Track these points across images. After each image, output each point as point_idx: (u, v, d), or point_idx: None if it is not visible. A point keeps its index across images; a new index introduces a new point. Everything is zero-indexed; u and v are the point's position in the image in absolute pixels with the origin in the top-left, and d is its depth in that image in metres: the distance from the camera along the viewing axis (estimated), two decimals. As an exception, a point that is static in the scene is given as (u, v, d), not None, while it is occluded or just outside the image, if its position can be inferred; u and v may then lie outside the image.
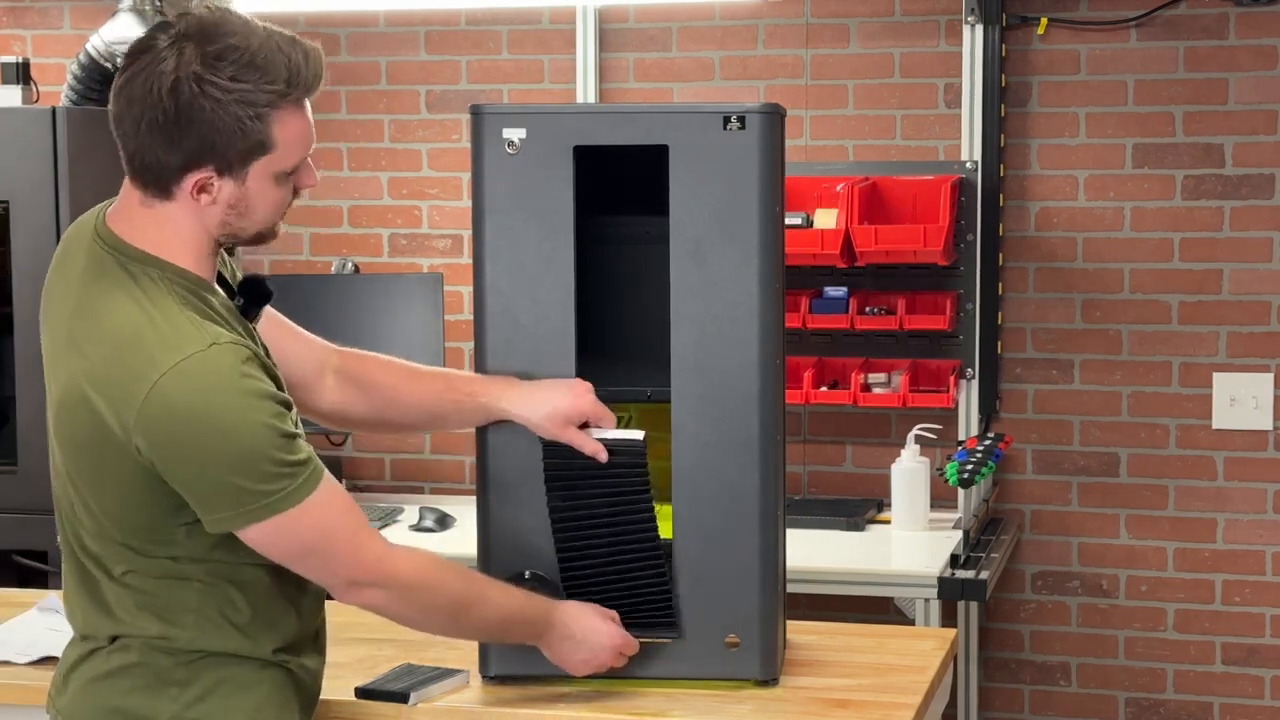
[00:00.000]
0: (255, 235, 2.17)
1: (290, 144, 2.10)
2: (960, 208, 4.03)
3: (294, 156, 2.12)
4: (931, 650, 2.68)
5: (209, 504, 2.07)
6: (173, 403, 2.02)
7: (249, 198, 2.11)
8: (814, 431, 4.29)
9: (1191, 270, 4.09)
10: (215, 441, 2.03)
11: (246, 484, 2.05)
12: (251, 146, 2.07)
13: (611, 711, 2.39)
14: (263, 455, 2.05)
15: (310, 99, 2.13)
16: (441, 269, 4.37)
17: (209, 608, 2.15)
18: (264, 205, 2.13)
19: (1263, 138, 4.03)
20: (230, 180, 2.09)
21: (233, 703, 2.17)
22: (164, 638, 2.15)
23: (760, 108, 2.41)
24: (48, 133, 3.76)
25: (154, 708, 2.15)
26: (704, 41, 4.30)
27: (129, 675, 2.16)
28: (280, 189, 2.14)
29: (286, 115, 2.09)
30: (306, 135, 2.13)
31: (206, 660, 2.16)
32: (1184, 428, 4.13)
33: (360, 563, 2.17)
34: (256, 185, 2.10)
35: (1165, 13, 4.04)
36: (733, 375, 2.41)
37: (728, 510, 2.43)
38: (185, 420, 2.02)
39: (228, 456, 2.04)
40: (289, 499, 2.08)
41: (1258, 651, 4.14)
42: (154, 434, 2.03)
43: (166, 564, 2.14)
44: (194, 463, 2.04)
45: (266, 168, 2.10)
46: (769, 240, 2.42)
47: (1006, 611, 4.27)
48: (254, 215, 2.13)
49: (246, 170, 2.09)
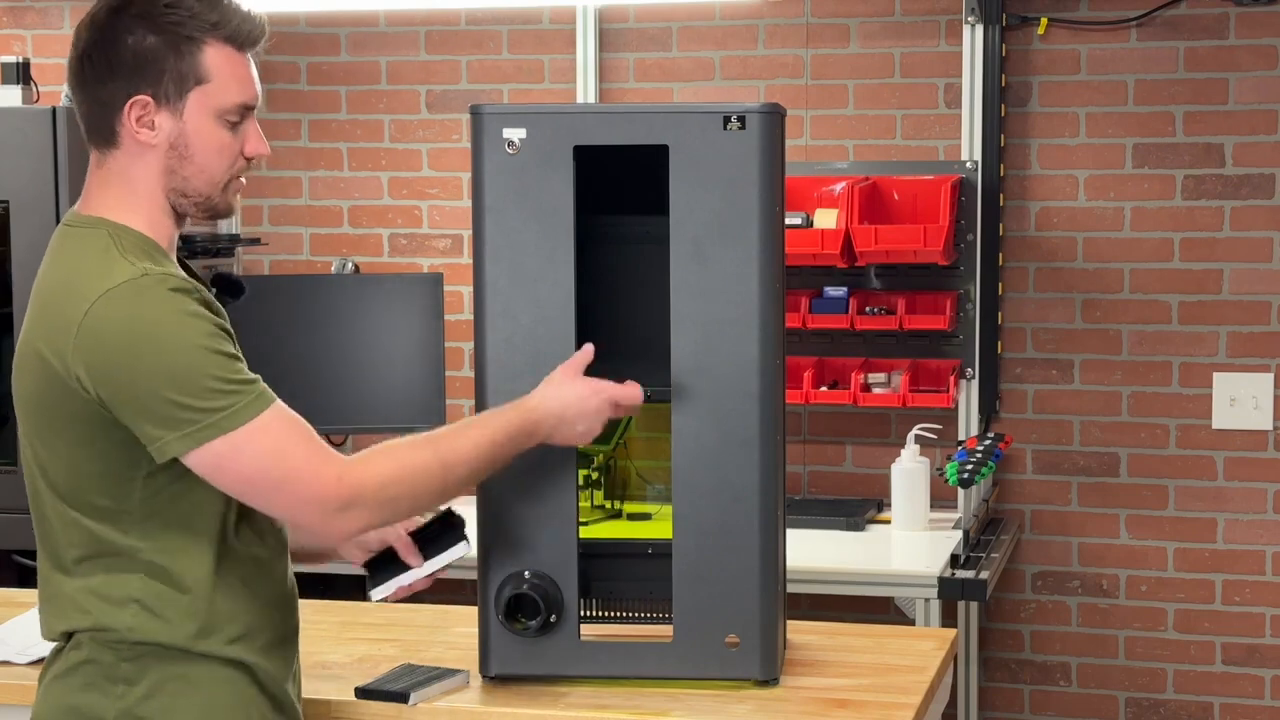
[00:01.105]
0: (204, 199, 2.17)
1: (226, 80, 2.13)
2: (960, 208, 4.03)
3: (232, 94, 2.14)
4: (931, 650, 2.68)
5: (152, 424, 2.04)
6: (105, 326, 2.03)
7: (187, 136, 2.13)
8: (814, 431, 4.29)
9: (1191, 270, 4.10)
10: (150, 357, 2.03)
11: (188, 401, 2.03)
12: (185, 72, 2.11)
13: (611, 711, 2.39)
14: (201, 372, 2.04)
15: (250, 53, 2.17)
16: (441, 269, 4.37)
17: (152, 597, 2.12)
18: (204, 149, 2.13)
19: (1263, 138, 4.03)
20: (168, 113, 2.12)
21: (181, 702, 2.13)
22: (104, 629, 2.13)
23: (760, 108, 2.41)
24: (48, 133, 3.76)
25: (102, 705, 2.13)
26: (704, 41, 4.30)
27: (81, 673, 2.15)
28: (221, 133, 2.14)
29: (221, 51, 2.13)
30: (246, 80, 2.16)
31: (151, 656, 2.13)
32: (1184, 428, 4.13)
33: (323, 485, 2.10)
34: (194, 122, 2.13)
35: (1165, 13, 4.04)
36: (733, 375, 2.41)
37: (728, 510, 2.43)
38: (119, 338, 2.03)
39: (165, 372, 2.02)
40: (235, 418, 2.05)
41: (1258, 651, 4.14)
42: (91, 359, 2.04)
43: (115, 540, 2.11)
44: (132, 382, 2.03)
45: (204, 102, 2.12)
46: (769, 240, 2.42)
47: (1006, 611, 4.27)
48: (196, 160, 2.14)
49: (184, 102, 2.12)
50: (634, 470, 2.73)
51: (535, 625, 2.44)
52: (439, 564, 2.39)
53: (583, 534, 2.47)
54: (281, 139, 4.52)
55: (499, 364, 2.44)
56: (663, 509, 2.46)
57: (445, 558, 2.39)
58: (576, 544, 2.45)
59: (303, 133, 4.53)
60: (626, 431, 2.67)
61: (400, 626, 2.80)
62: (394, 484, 2.16)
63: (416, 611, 2.94)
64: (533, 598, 2.43)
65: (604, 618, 2.56)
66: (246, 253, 4.54)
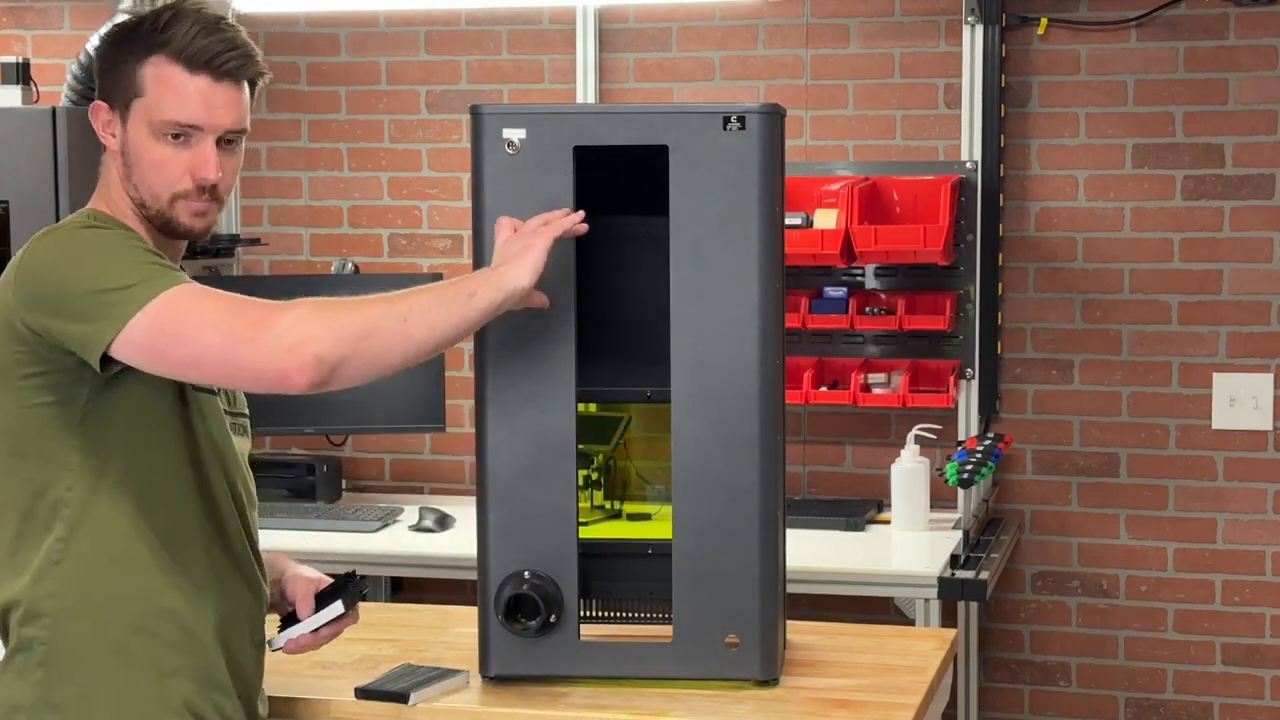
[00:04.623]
0: (154, 212, 2.20)
1: (161, 96, 2.17)
2: (960, 208, 4.03)
3: (164, 110, 2.17)
4: (931, 650, 2.68)
5: (80, 321, 2.06)
6: (39, 253, 2.14)
7: (129, 145, 2.20)
8: (814, 431, 4.29)
9: (1191, 270, 4.10)
10: (78, 260, 2.09)
11: (113, 284, 2.06)
12: (126, 85, 2.18)
13: (611, 712, 2.39)
14: (127, 258, 2.09)
15: (212, 77, 2.18)
16: (441, 269, 4.37)
17: (68, 581, 2.13)
18: (141, 160, 2.19)
19: (1263, 138, 4.03)
20: (119, 121, 2.20)
21: (100, 690, 2.14)
22: (13, 604, 2.15)
23: (760, 108, 2.41)
24: (48, 133, 3.76)
25: (21, 692, 2.14)
26: (704, 41, 4.30)
27: (9, 662, 2.18)
28: (159, 147, 2.18)
29: (166, 69, 2.17)
30: (186, 99, 2.17)
31: (62, 640, 2.13)
32: (1184, 428, 4.13)
33: (263, 331, 2.05)
34: (135, 133, 2.19)
35: (1165, 13, 4.04)
36: (733, 375, 2.41)
37: (728, 510, 2.43)
38: (50, 254, 2.12)
39: (93, 269, 2.08)
40: (158, 284, 2.06)
41: (1258, 651, 4.14)
42: (26, 287, 2.11)
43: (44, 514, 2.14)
44: (60, 288, 2.08)
45: (141, 115, 2.18)
46: (769, 240, 2.42)
47: (1006, 611, 4.27)
48: (136, 169, 2.19)
49: (129, 112, 2.19)
50: (634, 470, 2.73)
51: (535, 625, 2.43)
52: (317, 620, 2.37)
53: (583, 534, 2.47)
54: (281, 139, 4.52)
55: (499, 364, 2.44)
56: (663, 509, 2.46)
57: (322, 616, 2.37)
58: (576, 544, 2.45)
59: (303, 133, 4.53)
60: (626, 431, 2.67)
61: (400, 626, 2.80)
62: (340, 310, 2.11)
63: (416, 612, 2.94)
64: (533, 598, 2.43)
65: (604, 618, 2.56)
66: (246, 253, 4.54)
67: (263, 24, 4.39)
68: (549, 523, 2.44)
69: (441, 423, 4.18)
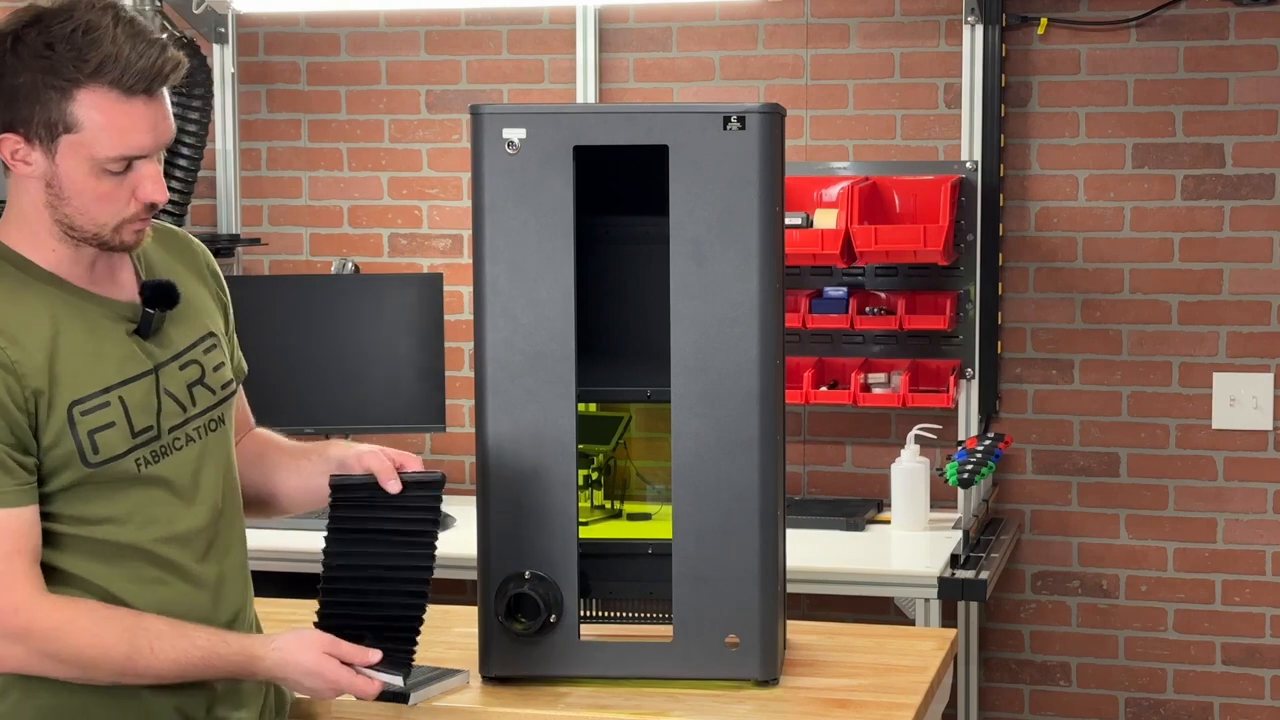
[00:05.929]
0: (93, 236, 2.07)
1: (99, 132, 2.00)
2: (960, 208, 4.03)
3: (106, 147, 2.01)
4: (931, 650, 2.68)
5: None
6: None
7: (60, 179, 2.03)
8: (814, 431, 4.29)
9: (1191, 270, 4.10)
10: None
11: None
12: (54, 119, 2.00)
13: (611, 711, 2.39)
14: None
15: (148, 96, 2.03)
16: (441, 269, 4.37)
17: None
18: (80, 194, 2.04)
19: (1263, 138, 4.03)
20: (40, 153, 2.02)
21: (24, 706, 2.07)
22: None
23: (760, 108, 2.41)
24: (48, 133, 3.76)
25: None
26: (704, 41, 4.30)
27: None
28: (101, 182, 2.04)
29: (100, 98, 1.99)
30: (129, 130, 2.02)
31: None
32: (1184, 428, 4.13)
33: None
34: (67, 167, 2.02)
35: (1165, 13, 4.04)
36: (733, 375, 2.41)
37: (728, 510, 2.43)
38: None
39: None
40: None
41: (1258, 651, 4.14)
42: None
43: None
44: None
45: (76, 150, 2.01)
46: (769, 240, 2.42)
47: (1006, 611, 4.27)
48: (72, 202, 2.04)
49: (55, 146, 2.01)
50: (634, 470, 2.74)
51: (535, 625, 2.44)
52: (371, 674, 2.20)
53: (583, 534, 2.47)
54: (281, 139, 4.52)
55: (499, 364, 2.44)
56: (663, 509, 2.46)
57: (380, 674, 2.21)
58: (576, 544, 2.45)
59: (303, 133, 4.53)
60: (626, 431, 2.67)
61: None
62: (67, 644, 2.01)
63: (416, 611, 2.93)
64: (533, 598, 2.43)
65: (604, 618, 2.56)
66: (246, 253, 4.54)
67: (263, 24, 4.39)
68: (549, 523, 2.44)
69: (441, 423, 4.17)
